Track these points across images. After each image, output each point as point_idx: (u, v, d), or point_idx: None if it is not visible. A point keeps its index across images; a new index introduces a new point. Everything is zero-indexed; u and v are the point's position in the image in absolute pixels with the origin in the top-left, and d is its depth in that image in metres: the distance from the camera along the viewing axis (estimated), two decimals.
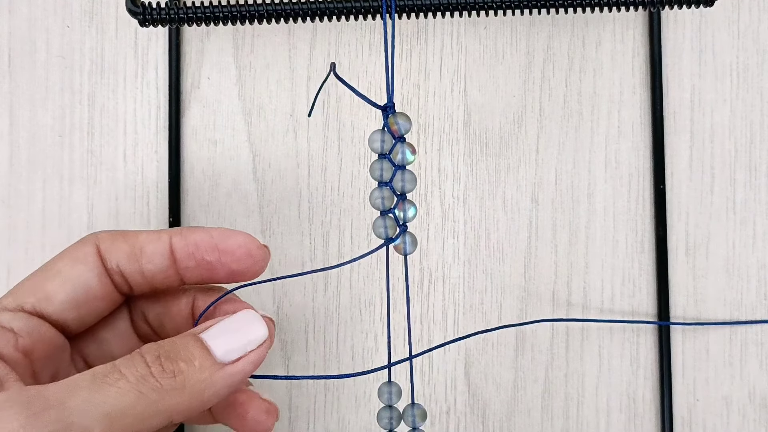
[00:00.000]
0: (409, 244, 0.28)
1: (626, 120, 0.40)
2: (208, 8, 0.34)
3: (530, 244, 0.40)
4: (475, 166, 0.40)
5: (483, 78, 0.40)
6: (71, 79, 0.40)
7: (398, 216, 0.28)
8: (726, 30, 0.40)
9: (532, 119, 0.40)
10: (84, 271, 0.29)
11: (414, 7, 0.34)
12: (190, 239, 0.30)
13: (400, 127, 0.28)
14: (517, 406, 0.39)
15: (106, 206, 0.40)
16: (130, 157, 0.40)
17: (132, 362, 0.25)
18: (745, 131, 0.40)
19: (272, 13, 0.34)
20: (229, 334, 0.27)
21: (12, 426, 0.23)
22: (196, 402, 0.26)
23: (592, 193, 0.40)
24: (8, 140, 0.40)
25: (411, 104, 0.40)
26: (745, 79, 0.40)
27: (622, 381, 0.40)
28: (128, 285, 0.30)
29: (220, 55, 0.40)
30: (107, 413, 0.24)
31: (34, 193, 0.40)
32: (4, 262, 0.39)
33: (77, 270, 0.29)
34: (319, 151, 0.40)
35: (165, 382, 0.25)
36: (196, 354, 0.26)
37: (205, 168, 0.40)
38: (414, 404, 0.31)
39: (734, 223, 0.40)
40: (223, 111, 0.40)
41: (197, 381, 0.26)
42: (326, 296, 0.39)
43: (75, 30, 0.40)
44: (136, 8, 0.34)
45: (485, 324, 0.39)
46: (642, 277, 0.40)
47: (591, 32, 0.40)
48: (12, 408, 0.23)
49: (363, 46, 0.40)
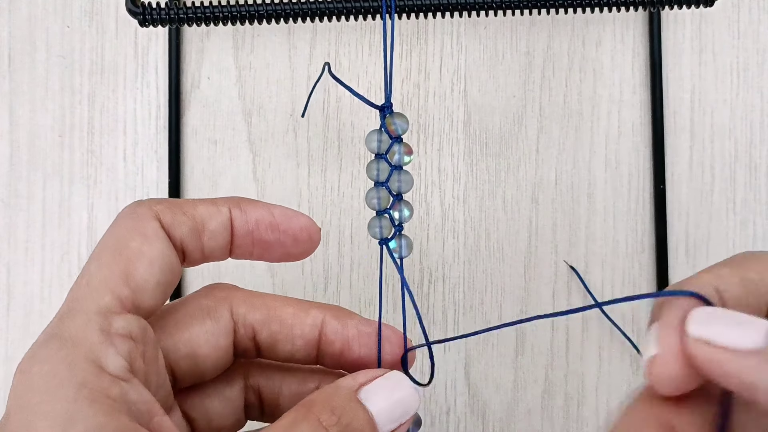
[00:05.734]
0: (405, 247, 0.28)
1: (626, 120, 0.40)
2: (208, 8, 0.34)
3: (530, 244, 0.40)
4: (475, 166, 0.40)
5: (483, 78, 0.40)
6: (71, 79, 0.40)
7: (394, 217, 0.28)
8: (726, 30, 0.40)
9: (532, 119, 0.40)
10: (162, 248, 0.25)
11: (414, 7, 0.34)
12: (250, 216, 0.27)
13: (397, 128, 0.28)
14: (517, 406, 0.39)
15: (106, 206, 0.40)
16: (130, 157, 0.40)
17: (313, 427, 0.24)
18: (745, 131, 0.40)
19: (272, 14, 0.34)
20: (389, 400, 0.25)
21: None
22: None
23: (592, 193, 0.40)
24: (8, 140, 0.40)
25: (411, 104, 0.40)
26: (745, 79, 0.40)
27: (622, 381, 0.40)
28: (184, 260, 0.27)
29: (220, 55, 0.40)
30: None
31: (34, 193, 0.40)
32: (4, 262, 0.39)
33: (156, 249, 0.25)
34: (319, 151, 0.40)
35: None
36: (366, 428, 0.24)
37: (205, 168, 0.40)
38: None
39: (734, 223, 0.40)
40: (223, 111, 0.40)
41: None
42: (326, 296, 0.39)
43: (75, 30, 0.40)
44: (136, 8, 0.34)
45: (485, 324, 0.39)
46: (642, 277, 0.40)
47: (591, 32, 0.40)
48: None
49: (363, 46, 0.40)
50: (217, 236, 0.27)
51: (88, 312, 0.23)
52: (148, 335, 0.24)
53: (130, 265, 0.24)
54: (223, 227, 0.27)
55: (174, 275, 0.25)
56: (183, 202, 0.27)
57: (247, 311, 0.27)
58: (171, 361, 0.26)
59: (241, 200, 0.27)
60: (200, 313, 0.27)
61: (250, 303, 0.27)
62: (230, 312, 0.27)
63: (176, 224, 0.26)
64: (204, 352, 0.26)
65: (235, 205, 0.27)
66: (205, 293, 0.28)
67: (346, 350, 0.28)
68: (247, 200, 0.27)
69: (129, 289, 0.24)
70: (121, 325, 0.23)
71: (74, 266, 0.39)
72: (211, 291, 0.28)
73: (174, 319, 0.26)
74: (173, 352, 0.26)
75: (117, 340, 0.22)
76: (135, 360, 0.23)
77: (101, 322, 0.23)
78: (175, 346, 0.26)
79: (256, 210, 0.27)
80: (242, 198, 0.28)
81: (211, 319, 0.27)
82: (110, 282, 0.24)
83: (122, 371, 0.22)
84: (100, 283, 0.24)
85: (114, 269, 0.24)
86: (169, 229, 0.26)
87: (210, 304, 0.27)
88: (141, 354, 0.23)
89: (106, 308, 0.23)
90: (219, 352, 0.27)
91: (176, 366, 0.26)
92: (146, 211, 0.25)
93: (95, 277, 0.24)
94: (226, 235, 0.27)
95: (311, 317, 0.28)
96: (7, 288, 0.39)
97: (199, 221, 0.26)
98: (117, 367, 0.22)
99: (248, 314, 0.27)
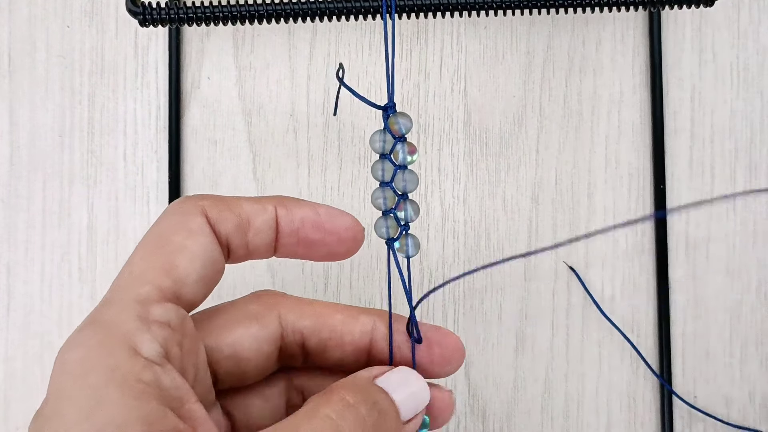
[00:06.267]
0: (412, 246, 0.28)
1: (626, 120, 0.40)
2: (208, 8, 0.34)
3: (530, 244, 0.40)
4: (475, 166, 0.40)
5: (483, 78, 0.40)
6: (71, 79, 0.40)
7: (399, 216, 0.28)
8: (726, 30, 0.40)
9: (532, 119, 0.40)
10: (205, 244, 0.25)
11: (414, 7, 0.34)
12: (296, 215, 0.27)
13: (400, 127, 0.28)
14: (517, 406, 0.39)
15: (106, 206, 0.40)
16: (130, 157, 0.40)
17: (350, 411, 0.24)
18: (745, 131, 0.40)
19: (272, 14, 0.34)
20: (405, 391, 0.26)
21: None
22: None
23: (592, 193, 0.40)
24: (8, 140, 0.40)
25: (411, 104, 0.40)
26: (745, 79, 0.40)
27: (622, 381, 0.40)
28: (228, 257, 0.27)
29: (220, 55, 0.40)
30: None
31: (34, 193, 0.40)
32: (4, 262, 0.39)
33: (200, 244, 0.25)
34: (319, 151, 0.40)
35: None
36: (389, 412, 0.25)
37: (205, 168, 0.40)
38: None
39: (734, 223, 0.40)
40: (223, 111, 0.40)
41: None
42: (326, 296, 0.39)
43: (75, 30, 0.40)
44: (136, 8, 0.34)
45: (485, 324, 0.39)
46: (642, 277, 0.40)
47: (591, 32, 0.40)
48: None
49: (363, 46, 0.40)
50: (262, 234, 0.27)
51: (127, 300, 0.23)
52: (187, 326, 0.24)
53: (172, 258, 0.24)
54: (268, 225, 0.27)
55: (217, 271, 0.26)
56: (229, 198, 0.27)
57: (296, 319, 0.27)
58: (213, 360, 0.26)
59: (286, 199, 0.28)
60: (246, 318, 0.27)
61: (299, 311, 0.27)
62: (278, 319, 0.27)
63: (222, 220, 0.26)
64: (247, 355, 0.26)
65: (281, 204, 0.27)
66: (254, 299, 0.28)
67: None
68: (293, 199, 0.28)
69: (170, 281, 0.24)
70: (159, 312, 0.23)
71: (74, 266, 0.39)
72: (260, 297, 0.28)
73: (220, 320, 0.26)
74: (216, 351, 0.26)
75: (154, 326, 0.23)
76: (171, 348, 0.23)
77: (139, 310, 0.23)
78: (219, 347, 0.26)
79: (301, 209, 0.27)
80: (288, 197, 0.28)
81: (258, 324, 0.27)
82: (152, 273, 0.24)
83: (157, 356, 0.22)
84: (142, 273, 0.24)
85: (157, 261, 0.24)
86: (214, 224, 0.26)
87: (258, 309, 0.27)
88: (178, 343, 0.23)
89: (145, 297, 0.23)
90: (262, 357, 0.27)
91: (218, 366, 0.26)
92: (192, 207, 0.26)
93: (137, 268, 0.24)
94: (271, 233, 0.27)
95: (360, 324, 0.28)
96: (7, 288, 0.39)
97: (244, 218, 0.26)
98: (151, 351, 0.22)
99: (297, 322, 0.27)
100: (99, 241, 0.39)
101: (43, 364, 0.39)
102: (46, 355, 0.39)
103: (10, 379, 0.39)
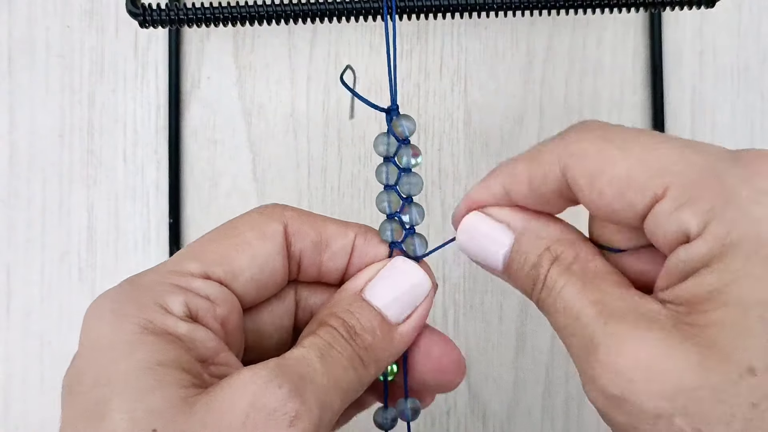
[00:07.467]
0: (419, 245, 0.28)
1: (626, 120, 0.40)
2: (208, 9, 0.34)
3: None
4: (476, 165, 0.40)
5: (483, 78, 0.40)
6: (71, 79, 0.40)
7: (404, 220, 0.28)
8: (726, 30, 0.40)
9: (533, 119, 0.40)
10: (272, 250, 0.26)
11: (415, 8, 0.34)
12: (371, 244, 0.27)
13: (404, 129, 0.28)
14: (517, 406, 0.39)
15: (106, 206, 0.40)
16: (130, 157, 0.40)
17: (336, 338, 0.24)
18: (745, 131, 0.40)
19: (272, 15, 0.34)
20: (395, 290, 0.26)
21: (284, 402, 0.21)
22: (379, 372, 0.25)
23: None
24: (8, 140, 0.40)
25: (411, 104, 0.40)
26: (745, 79, 0.40)
27: None
28: (298, 273, 0.27)
29: (220, 55, 0.40)
30: (345, 390, 0.23)
31: (34, 193, 0.40)
32: (4, 262, 0.39)
33: (266, 248, 0.25)
34: (319, 151, 0.40)
35: (365, 357, 0.24)
36: (374, 323, 0.25)
37: (205, 168, 0.40)
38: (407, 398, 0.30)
39: None
40: (223, 111, 0.40)
41: (382, 350, 0.25)
42: None
43: (75, 30, 0.40)
44: (137, 9, 0.34)
45: (485, 324, 0.39)
46: None
47: (591, 32, 0.40)
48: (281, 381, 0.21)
49: (363, 46, 0.40)
50: (337, 258, 0.27)
51: (168, 269, 0.24)
52: (233, 304, 0.25)
53: (233, 250, 0.25)
54: (344, 251, 0.27)
55: (274, 280, 0.26)
56: (315, 216, 0.27)
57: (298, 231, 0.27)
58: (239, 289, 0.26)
59: (369, 230, 0.28)
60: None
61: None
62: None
63: (300, 234, 0.26)
64: (265, 278, 0.26)
65: (362, 233, 0.27)
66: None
67: None
68: (373, 232, 0.28)
69: (222, 270, 0.25)
70: (199, 285, 0.24)
71: (74, 266, 0.39)
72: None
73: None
74: (244, 281, 0.26)
75: (190, 295, 0.23)
76: (206, 317, 0.24)
77: (177, 279, 0.24)
78: (244, 275, 0.26)
79: (375, 247, 0.27)
80: (370, 229, 0.28)
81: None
82: (207, 256, 0.25)
83: (185, 316, 0.23)
84: (197, 253, 0.25)
85: (217, 248, 0.25)
86: (291, 236, 0.26)
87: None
88: (217, 317, 0.24)
89: (188, 271, 0.24)
90: (277, 276, 0.26)
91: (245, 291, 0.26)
92: (275, 215, 0.26)
93: (196, 248, 0.25)
94: (345, 259, 0.27)
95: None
96: (7, 288, 0.39)
97: (324, 238, 0.27)
98: (181, 312, 0.23)
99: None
100: (99, 241, 0.39)
101: (43, 364, 0.39)
102: (46, 354, 0.39)
103: (11, 378, 0.39)
